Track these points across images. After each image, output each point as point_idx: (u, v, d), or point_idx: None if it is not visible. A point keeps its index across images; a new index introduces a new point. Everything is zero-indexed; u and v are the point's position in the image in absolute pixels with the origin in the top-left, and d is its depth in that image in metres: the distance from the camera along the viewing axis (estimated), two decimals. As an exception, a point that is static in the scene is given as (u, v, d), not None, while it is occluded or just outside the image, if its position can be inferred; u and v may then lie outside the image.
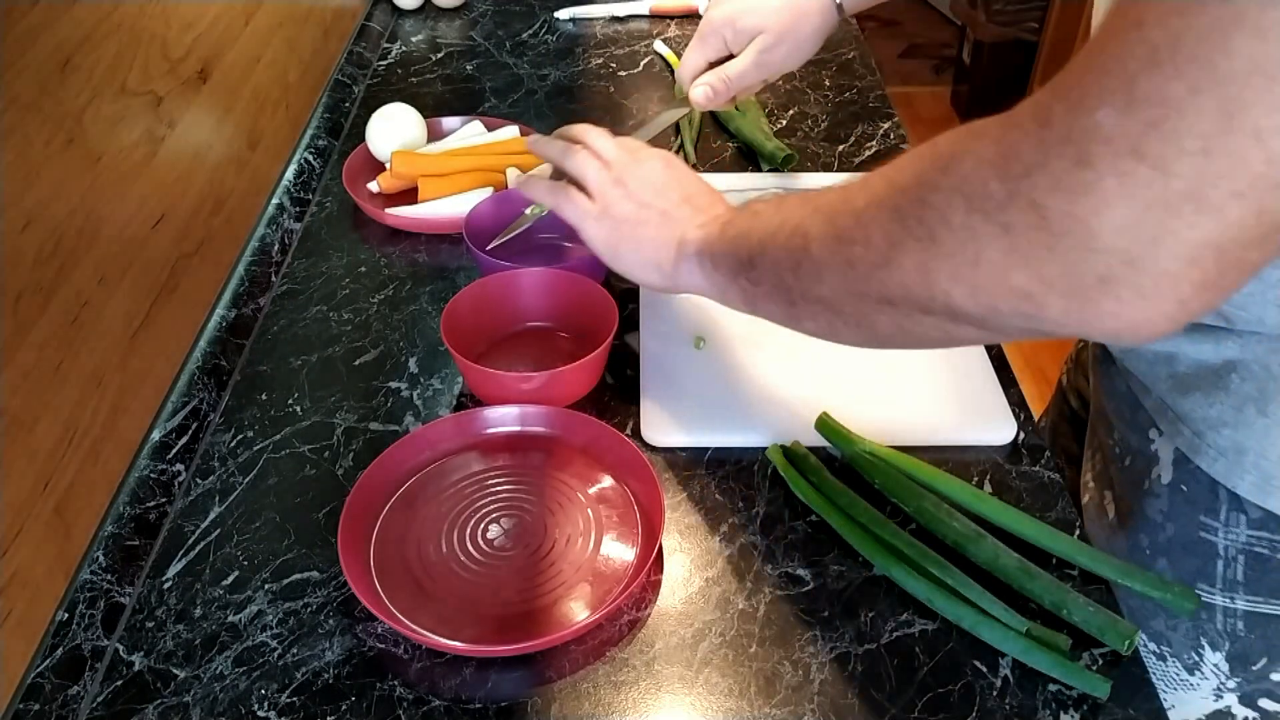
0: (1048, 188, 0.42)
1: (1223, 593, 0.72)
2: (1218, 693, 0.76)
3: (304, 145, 1.10)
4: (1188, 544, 0.72)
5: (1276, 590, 0.70)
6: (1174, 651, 0.76)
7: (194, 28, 0.87)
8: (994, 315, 0.47)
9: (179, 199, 0.84)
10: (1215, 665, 0.75)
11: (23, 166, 0.63)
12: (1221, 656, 0.74)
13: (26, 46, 0.63)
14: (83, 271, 0.69)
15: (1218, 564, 0.71)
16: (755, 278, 0.62)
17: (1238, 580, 0.71)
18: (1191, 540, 0.72)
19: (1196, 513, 0.71)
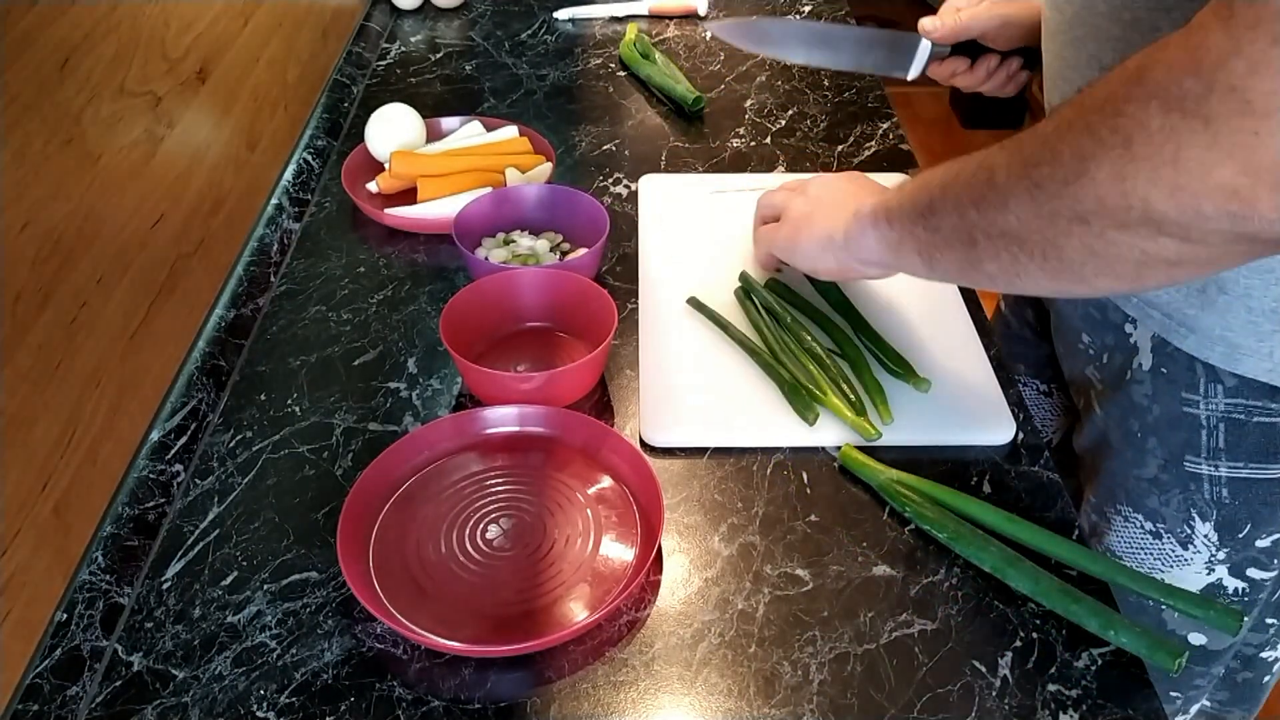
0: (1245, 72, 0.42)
1: (1208, 461, 0.78)
2: (1209, 566, 0.82)
3: (303, 145, 1.10)
4: (1173, 420, 0.78)
5: (1254, 454, 0.76)
6: (1168, 527, 0.82)
7: (193, 28, 0.87)
8: (1198, 220, 0.47)
9: (178, 199, 0.84)
10: (1206, 536, 0.80)
11: (21, 166, 0.63)
12: (1211, 526, 0.80)
13: (26, 46, 0.63)
14: (81, 272, 0.69)
15: (1201, 434, 0.77)
16: (934, 224, 0.64)
17: (1220, 448, 0.77)
18: (1176, 416, 0.78)
19: (1178, 390, 0.77)
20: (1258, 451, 0.76)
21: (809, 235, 0.78)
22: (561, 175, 1.09)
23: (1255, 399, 0.74)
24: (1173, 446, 0.79)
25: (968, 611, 0.66)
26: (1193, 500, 0.79)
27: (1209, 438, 0.77)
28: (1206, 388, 0.75)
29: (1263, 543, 0.79)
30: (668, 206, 1.02)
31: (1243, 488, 0.78)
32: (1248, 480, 0.77)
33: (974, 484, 0.75)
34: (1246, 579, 0.81)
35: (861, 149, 1.13)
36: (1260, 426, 0.75)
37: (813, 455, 0.77)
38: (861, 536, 0.71)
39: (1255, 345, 0.71)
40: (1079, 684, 0.62)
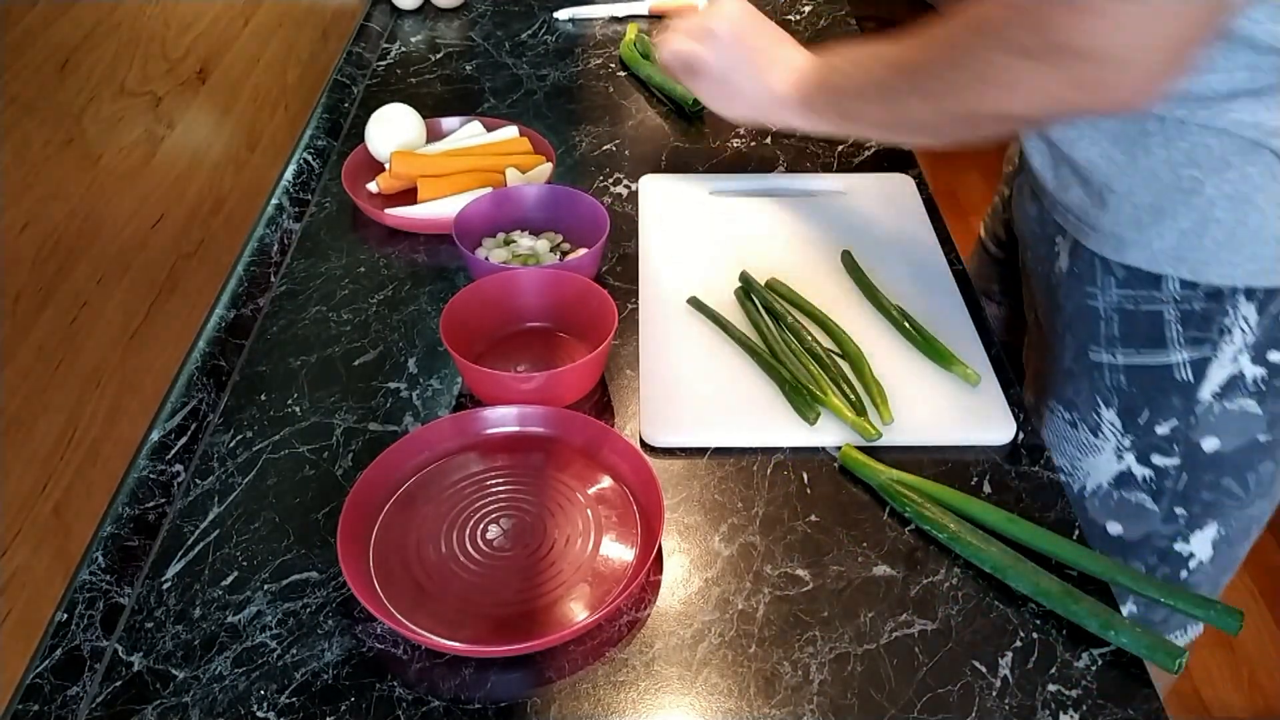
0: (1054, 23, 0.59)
1: (1107, 350, 0.87)
2: (1118, 453, 0.90)
3: (303, 145, 1.10)
4: (1080, 313, 0.87)
5: (1144, 341, 0.84)
6: (1081, 416, 0.91)
7: (193, 28, 0.87)
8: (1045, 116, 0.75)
9: (178, 199, 0.84)
10: (1111, 423, 0.89)
11: (22, 166, 0.63)
12: (1114, 413, 0.88)
13: (26, 46, 0.63)
14: (82, 272, 0.69)
15: (1100, 324, 0.86)
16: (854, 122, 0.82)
17: (1115, 336, 0.86)
18: (1082, 310, 0.87)
19: (1084, 285, 0.86)
20: (1147, 339, 0.84)
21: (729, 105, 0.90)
22: (562, 175, 1.09)
23: (1141, 288, 0.82)
24: (1081, 338, 0.88)
25: (968, 611, 0.66)
26: (1097, 388, 0.88)
27: (1106, 327, 0.86)
28: (1102, 280, 0.84)
29: (1162, 429, 0.86)
30: (668, 206, 1.02)
31: (1138, 374, 0.86)
32: (1141, 367, 0.85)
33: (974, 484, 0.75)
34: (1152, 466, 0.88)
35: (862, 149, 1.13)
36: (1147, 315, 0.83)
37: (813, 455, 0.77)
38: (862, 536, 0.71)
39: (1136, 237, 0.80)
40: (1079, 684, 0.62)
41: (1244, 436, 0.86)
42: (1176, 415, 0.85)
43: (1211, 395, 0.84)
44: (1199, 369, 0.83)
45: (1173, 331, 0.83)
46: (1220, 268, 0.78)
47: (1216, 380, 0.83)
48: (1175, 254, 0.79)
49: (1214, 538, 0.92)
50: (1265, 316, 0.80)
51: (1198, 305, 0.81)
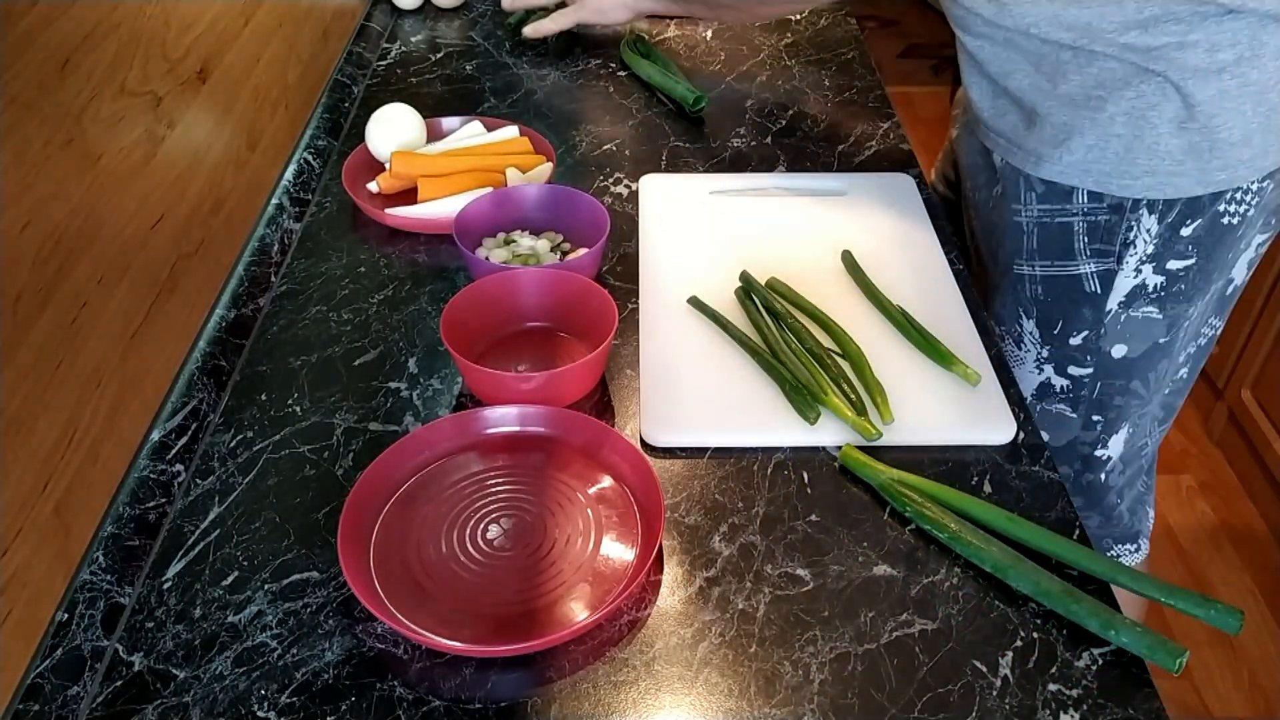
0: None
1: (1028, 263, 0.96)
2: (1038, 364, 0.99)
3: (303, 145, 1.10)
4: (1007, 229, 0.96)
5: (1058, 253, 0.94)
6: (1007, 329, 1.00)
7: (193, 28, 0.87)
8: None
9: (178, 199, 0.84)
10: (1031, 334, 0.98)
11: (22, 166, 0.63)
12: (1034, 324, 0.98)
13: (26, 46, 0.63)
14: (82, 272, 0.69)
15: (1022, 239, 0.95)
16: None
17: (1035, 249, 0.95)
18: (1009, 225, 0.96)
19: (1010, 204, 0.96)
20: (1060, 250, 0.93)
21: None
22: (562, 175, 1.09)
23: (1056, 202, 0.92)
24: (1008, 252, 0.97)
25: (968, 611, 0.66)
26: (1019, 299, 0.98)
27: (1028, 241, 0.95)
28: (1024, 196, 0.94)
29: (1075, 340, 0.96)
30: (668, 206, 1.02)
31: (1052, 285, 0.95)
32: (1055, 278, 0.94)
33: (974, 484, 0.75)
34: (1069, 376, 0.98)
35: (862, 149, 1.13)
36: (1060, 226, 0.92)
37: (813, 455, 0.77)
38: (862, 536, 0.71)
39: (1051, 152, 0.90)
40: (1080, 684, 0.62)
41: (1147, 341, 0.95)
42: (1088, 326, 0.95)
43: (1117, 304, 0.94)
44: (1105, 280, 0.93)
45: (1080, 242, 0.92)
46: (1121, 180, 0.88)
47: (1122, 290, 0.93)
48: (1082, 167, 0.89)
49: (1125, 438, 1.02)
50: (1164, 227, 0.89)
51: (1102, 217, 0.90)
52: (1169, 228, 0.89)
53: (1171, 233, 0.89)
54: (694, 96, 1.17)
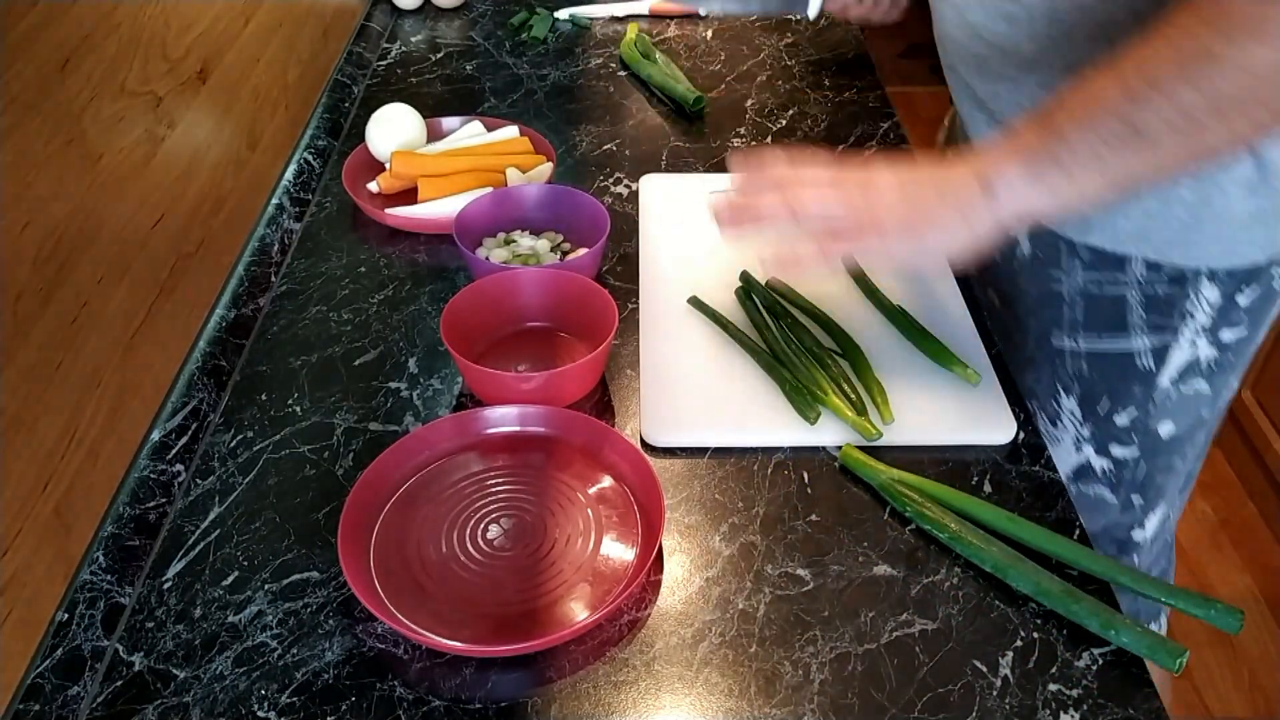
0: None
1: (1069, 336, 0.85)
2: (1077, 443, 0.89)
3: (303, 145, 1.10)
4: (1044, 299, 0.86)
5: (1106, 326, 0.83)
6: (1040, 404, 0.90)
7: (193, 28, 0.87)
8: None
9: (178, 199, 0.84)
10: (1071, 412, 0.88)
11: (23, 166, 0.63)
12: (1075, 401, 0.88)
13: (27, 46, 0.63)
14: (82, 271, 0.69)
15: (1064, 309, 0.85)
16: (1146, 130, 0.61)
17: (1078, 320, 0.84)
18: (1045, 294, 0.85)
19: (1047, 269, 0.84)
20: (1109, 323, 0.83)
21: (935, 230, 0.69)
22: (562, 175, 1.09)
23: (1106, 270, 0.81)
24: (1043, 324, 0.87)
25: (968, 611, 0.66)
26: (1058, 375, 0.87)
27: (1069, 311, 0.84)
28: (1067, 263, 0.83)
29: (1121, 419, 0.86)
30: (668, 206, 1.02)
31: (1098, 361, 0.85)
32: (1103, 354, 0.84)
33: (975, 484, 0.75)
34: (1111, 457, 0.88)
35: (862, 148, 1.13)
36: (1112, 299, 0.82)
37: (813, 455, 0.77)
38: (862, 536, 0.71)
39: (1101, 218, 0.79)
40: (1080, 684, 0.62)
41: (1193, 416, 0.87)
42: (1136, 403, 0.85)
43: (1169, 381, 0.84)
44: (1160, 356, 0.83)
45: (1135, 316, 0.82)
46: (1185, 249, 0.78)
47: (1176, 365, 0.83)
48: (1140, 234, 0.78)
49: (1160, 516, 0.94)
50: (1222, 297, 0.80)
51: (1161, 289, 0.80)
52: (1227, 297, 0.80)
53: (1228, 302, 0.80)
54: (694, 96, 1.17)
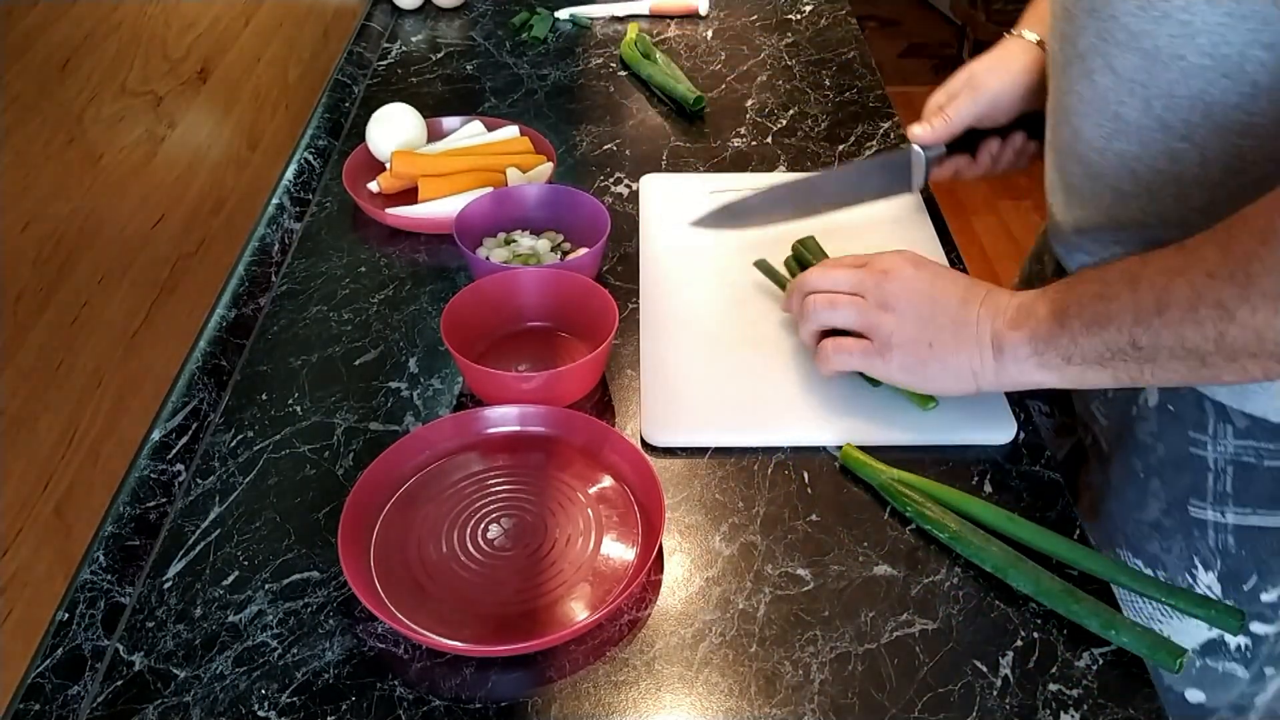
0: None
1: (1214, 507, 0.74)
2: None
3: (304, 145, 1.10)
4: (1179, 462, 0.75)
5: (1264, 499, 0.72)
6: (1169, 575, 0.79)
7: (194, 28, 0.87)
8: None
9: (179, 199, 0.84)
10: (1209, 587, 0.77)
11: (23, 166, 0.63)
12: (1214, 577, 0.76)
13: (26, 46, 0.63)
14: (83, 271, 0.69)
15: (1208, 477, 0.74)
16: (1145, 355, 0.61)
17: (1227, 492, 0.73)
18: (1182, 458, 0.74)
19: (1185, 429, 0.74)
20: (1268, 497, 0.72)
21: (939, 369, 0.71)
22: (562, 175, 1.09)
23: (1267, 440, 0.70)
24: (1177, 489, 0.75)
25: (969, 611, 0.66)
26: (1196, 548, 0.76)
27: (1216, 481, 0.74)
28: (1215, 428, 0.72)
29: (1268, 596, 0.76)
30: (668, 206, 1.02)
31: (1250, 536, 0.74)
32: (1256, 529, 0.74)
33: (975, 483, 0.75)
34: (1250, 634, 0.78)
35: (862, 148, 1.13)
36: (1272, 471, 0.71)
37: (814, 455, 0.77)
38: (862, 536, 0.71)
39: (1265, 382, 0.66)
40: (1080, 684, 0.62)
41: None
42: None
43: None
44: None
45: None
46: None
47: None
48: None
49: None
50: None
51: None
52: None
53: None
54: (694, 96, 1.17)
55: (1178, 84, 0.64)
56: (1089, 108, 0.71)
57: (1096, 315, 0.63)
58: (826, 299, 0.76)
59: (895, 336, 0.72)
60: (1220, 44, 0.60)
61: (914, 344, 0.72)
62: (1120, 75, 0.67)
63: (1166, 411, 0.74)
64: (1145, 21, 0.63)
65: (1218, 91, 0.62)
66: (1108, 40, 0.67)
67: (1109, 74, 0.68)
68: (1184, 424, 0.74)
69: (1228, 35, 0.60)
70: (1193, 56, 0.62)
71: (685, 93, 1.18)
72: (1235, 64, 0.61)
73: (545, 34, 1.36)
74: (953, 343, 0.70)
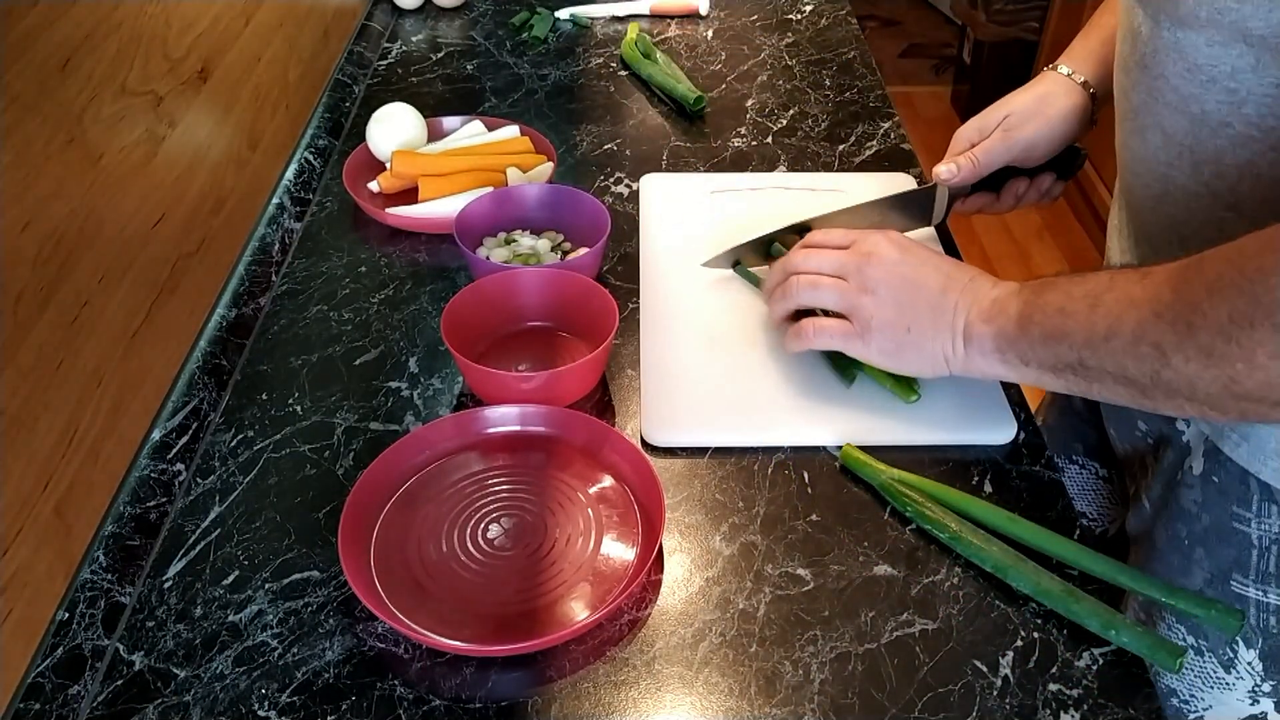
0: None
1: (1256, 585, 0.72)
2: (1253, 695, 0.76)
3: (304, 145, 1.10)
4: (1222, 534, 0.73)
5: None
6: (1210, 645, 0.77)
7: (194, 27, 0.87)
8: None
9: (179, 199, 0.84)
10: (1249, 664, 0.75)
11: (23, 166, 0.63)
12: (1256, 654, 0.74)
13: (26, 46, 0.63)
14: (83, 271, 0.69)
15: (1252, 555, 0.72)
16: (1090, 375, 0.63)
17: (1271, 572, 0.71)
18: (1226, 531, 0.72)
19: (1229, 503, 0.72)
20: None
21: (914, 354, 0.73)
22: (563, 175, 1.09)
23: None
24: (1220, 562, 0.74)
25: (969, 611, 0.66)
26: None
27: (1260, 560, 0.72)
28: (1260, 506, 0.70)
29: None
30: (669, 206, 1.02)
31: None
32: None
33: (975, 483, 0.75)
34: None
35: (863, 148, 1.13)
36: None
37: (814, 455, 0.77)
38: (862, 536, 0.71)
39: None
40: (1080, 684, 0.62)
41: None
42: None
43: None
44: None
45: None
46: None
47: None
48: None
49: None
50: None
51: None
52: None
53: None
54: (694, 96, 1.17)
55: (1226, 152, 0.63)
56: (1141, 166, 0.70)
57: (1054, 329, 0.64)
58: (810, 280, 0.77)
59: (875, 320, 0.73)
60: (1268, 115, 0.59)
61: (892, 327, 0.73)
62: (1170, 137, 0.66)
63: (1211, 482, 0.73)
64: (1193, 85, 0.62)
65: (1266, 164, 0.61)
66: (1158, 100, 0.66)
67: (1159, 134, 0.67)
68: (1227, 498, 0.72)
69: (1275, 107, 0.59)
70: (1239, 125, 0.61)
71: (685, 93, 1.18)
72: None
73: (545, 34, 1.36)
74: (930, 328, 0.72)
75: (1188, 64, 0.62)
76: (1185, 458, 0.75)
